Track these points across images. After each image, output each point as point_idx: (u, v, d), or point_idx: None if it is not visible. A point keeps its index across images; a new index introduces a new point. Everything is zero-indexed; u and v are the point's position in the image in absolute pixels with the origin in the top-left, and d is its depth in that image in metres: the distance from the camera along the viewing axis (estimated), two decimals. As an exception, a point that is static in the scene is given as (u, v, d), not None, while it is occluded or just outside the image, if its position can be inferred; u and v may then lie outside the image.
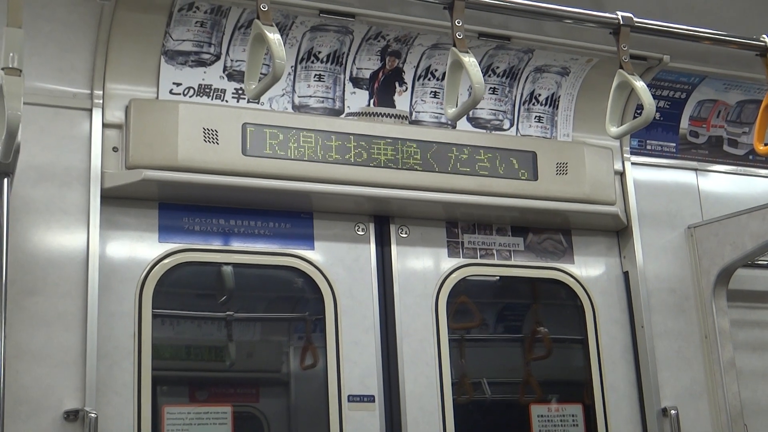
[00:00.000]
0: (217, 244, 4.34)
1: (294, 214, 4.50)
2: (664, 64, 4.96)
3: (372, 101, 4.65)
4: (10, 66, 3.06)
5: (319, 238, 4.52)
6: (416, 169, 4.54)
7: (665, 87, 5.21)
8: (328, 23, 4.43)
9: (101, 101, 4.12)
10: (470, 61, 3.68)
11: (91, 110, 4.10)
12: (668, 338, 4.98)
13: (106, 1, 3.95)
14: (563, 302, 5.09)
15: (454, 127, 4.78)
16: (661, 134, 5.31)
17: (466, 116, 4.76)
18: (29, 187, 3.94)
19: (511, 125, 4.93)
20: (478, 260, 4.82)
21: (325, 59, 4.52)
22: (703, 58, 5.11)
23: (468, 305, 4.87)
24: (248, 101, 4.36)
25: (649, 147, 5.28)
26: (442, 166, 4.60)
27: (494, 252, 4.87)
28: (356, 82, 4.62)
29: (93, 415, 3.72)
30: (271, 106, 4.45)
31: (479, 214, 4.80)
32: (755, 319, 5.33)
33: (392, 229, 4.66)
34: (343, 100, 4.59)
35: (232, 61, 4.36)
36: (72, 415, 3.75)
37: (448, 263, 4.75)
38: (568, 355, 5.17)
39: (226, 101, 4.37)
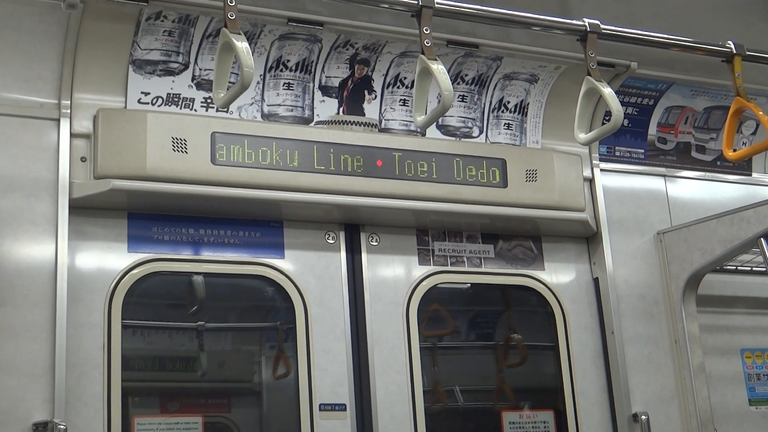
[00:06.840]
0: (186, 254, 4.32)
1: (264, 223, 4.49)
2: (631, 71, 4.98)
3: (341, 109, 4.65)
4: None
5: (289, 246, 4.50)
6: (386, 177, 4.54)
7: (633, 94, 5.23)
8: (297, 32, 4.42)
9: (69, 111, 4.09)
10: (439, 69, 3.70)
11: (58, 120, 4.07)
12: (638, 344, 5.00)
13: (72, 9, 3.92)
14: (534, 309, 5.09)
15: (423, 134, 4.78)
16: (629, 141, 5.34)
17: (435, 124, 4.77)
18: (-4, 197, 3.92)
19: (481, 132, 4.94)
20: (449, 268, 4.82)
21: (294, 68, 4.52)
22: (670, 65, 5.15)
23: (440, 313, 4.87)
24: (217, 110, 4.35)
25: (617, 153, 5.30)
26: (412, 173, 4.60)
27: (465, 259, 4.87)
28: (325, 90, 4.62)
29: (62, 426, 3.68)
30: (240, 114, 4.44)
31: (449, 222, 4.81)
32: (724, 324, 5.35)
33: (362, 237, 4.65)
34: (312, 109, 4.59)
35: (200, 70, 4.35)
36: (41, 427, 3.71)
37: (419, 271, 4.74)
38: (539, 361, 5.17)
39: (195, 110, 4.36)
